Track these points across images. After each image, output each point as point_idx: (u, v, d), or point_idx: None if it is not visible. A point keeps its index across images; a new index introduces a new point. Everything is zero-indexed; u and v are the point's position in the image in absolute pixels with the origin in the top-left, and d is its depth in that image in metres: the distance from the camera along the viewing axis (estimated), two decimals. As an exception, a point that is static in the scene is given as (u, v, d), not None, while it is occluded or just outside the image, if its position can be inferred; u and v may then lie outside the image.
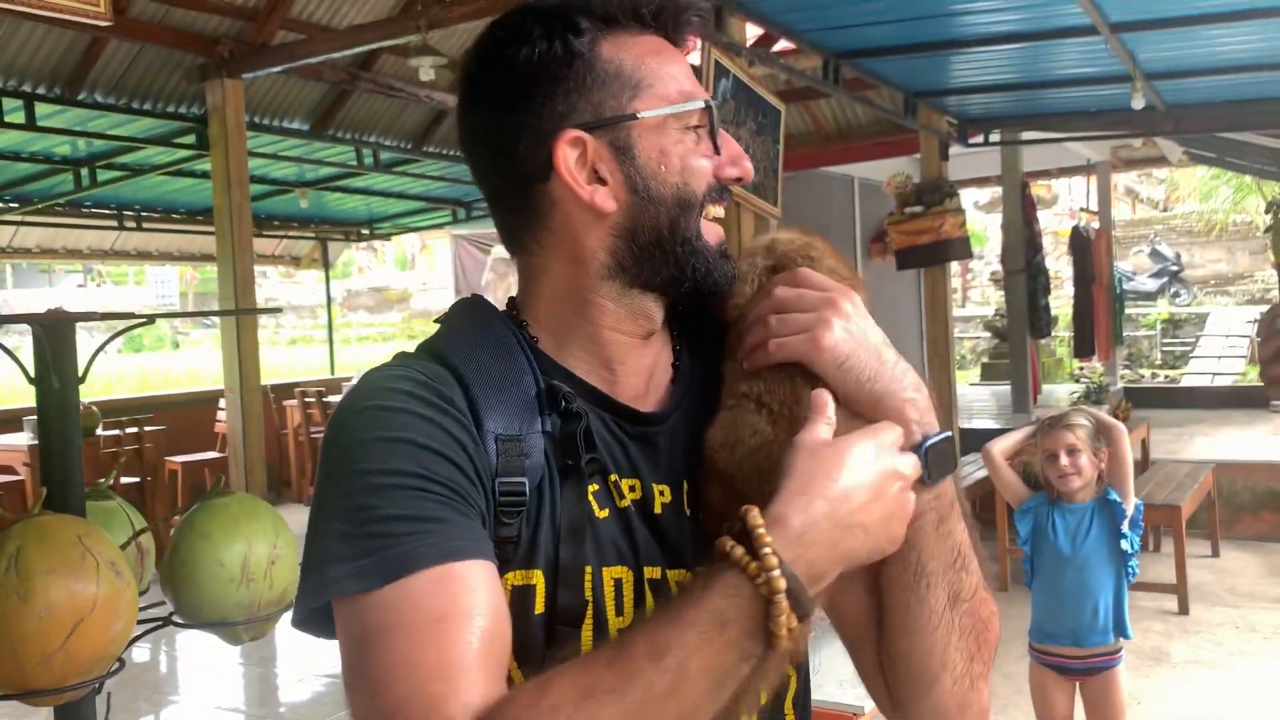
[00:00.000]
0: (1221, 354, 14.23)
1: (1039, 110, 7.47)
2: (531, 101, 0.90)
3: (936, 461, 0.89)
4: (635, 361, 0.96)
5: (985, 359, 14.15)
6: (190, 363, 19.29)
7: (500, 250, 12.75)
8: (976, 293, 20.03)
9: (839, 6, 4.88)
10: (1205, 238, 18.61)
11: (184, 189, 8.75)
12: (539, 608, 0.87)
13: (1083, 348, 10.36)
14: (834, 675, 4.66)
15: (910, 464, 0.85)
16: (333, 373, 12.14)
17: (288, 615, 1.02)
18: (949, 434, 0.91)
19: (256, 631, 1.99)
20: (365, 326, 26.27)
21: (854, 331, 0.90)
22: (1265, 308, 14.81)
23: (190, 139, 6.97)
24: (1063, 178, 13.91)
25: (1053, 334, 10.83)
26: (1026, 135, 8.15)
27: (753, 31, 5.37)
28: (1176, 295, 17.52)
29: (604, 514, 0.91)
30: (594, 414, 0.92)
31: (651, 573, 0.91)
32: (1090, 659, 3.20)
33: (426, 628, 0.77)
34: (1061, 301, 12.59)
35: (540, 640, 0.86)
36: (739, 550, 0.76)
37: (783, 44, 6.18)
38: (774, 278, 0.96)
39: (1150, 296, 17.35)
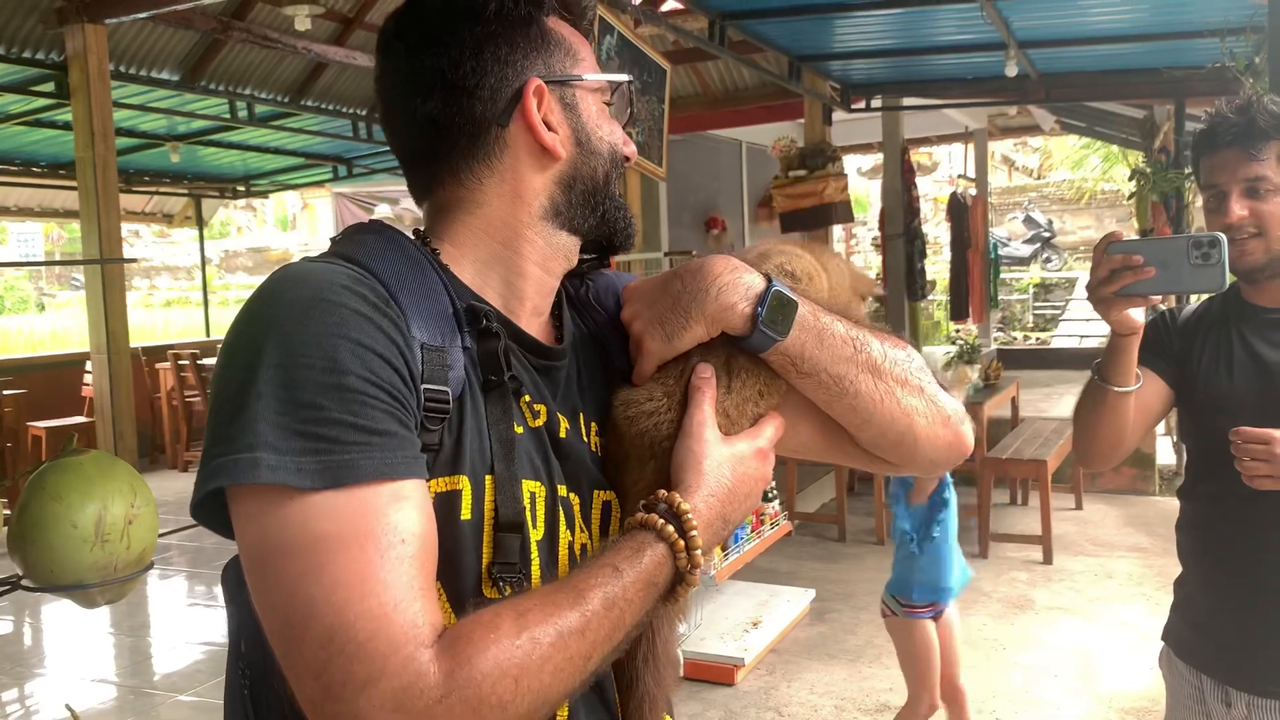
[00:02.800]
0: (1089, 317, 14.85)
1: (919, 76, 7.62)
2: (498, 49, 0.97)
3: (777, 316, 0.99)
4: (543, 300, 1.04)
5: (866, 321, 14.46)
6: (56, 325, 18.45)
7: (384, 209, 12.48)
8: (859, 258, 20.46)
9: (724, -34, 4.88)
10: (1076, 205, 19.34)
11: (44, 140, 8.31)
12: (465, 513, 0.90)
13: (959, 311, 10.68)
14: (715, 629, 4.76)
15: (770, 465, 1.03)
16: (208, 335, 11.74)
17: (154, 579, 0.98)
18: (773, 288, 0.99)
19: (113, 595, 1.92)
20: (244, 289, 25.48)
21: (648, 318, 1.03)
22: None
23: (49, 86, 6.60)
24: (942, 145, 14.27)
25: (929, 297, 11.14)
26: (907, 101, 8.30)
27: (639, -11, 5.32)
28: (1048, 260, 18.19)
29: (520, 430, 0.95)
30: (505, 339, 0.97)
31: (560, 490, 0.97)
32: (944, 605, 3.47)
33: (390, 545, 0.79)
34: (939, 266, 12.96)
35: (466, 544, 0.89)
36: (670, 529, 0.90)
37: (671, 4, 6.17)
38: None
39: (1023, 262, 17.98)
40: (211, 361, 8.98)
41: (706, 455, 0.97)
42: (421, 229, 1.03)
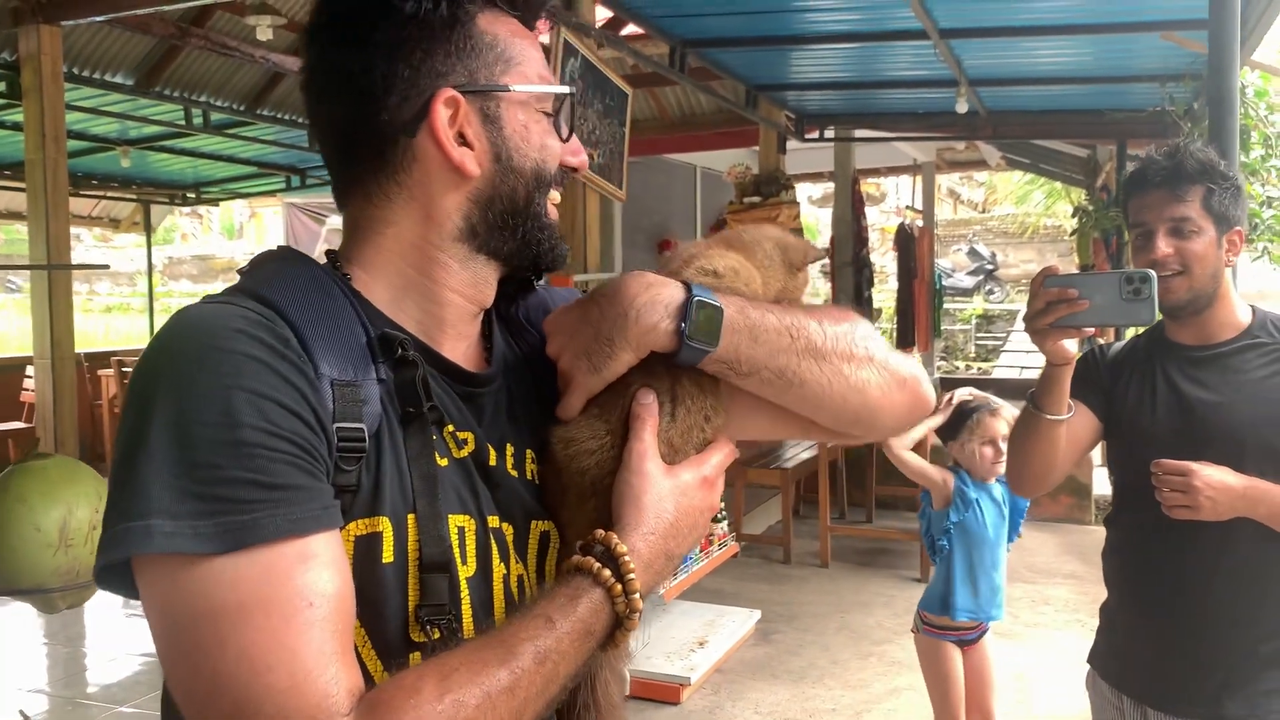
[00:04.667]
0: (1030, 349, 15.15)
1: (871, 109, 7.78)
2: (412, 54, 0.90)
3: (703, 328, 0.94)
4: (465, 326, 0.98)
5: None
6: (-9, 328, 18.02)
7: (336, 220, 12.39)
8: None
9: (687, -5, 4.97)
10: (1019, 239, 19.73)
11: (-9, 140, 8.17)
12: (387, 555, 0.85)
13: (904, 339, 10.85)
14: (662, 649, 4.80)
15: (717, 493, 0.99)
16: (153, 342, 11.54)
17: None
18: (694, 298, 0.94)
19: (74, 599, 1.93)
20: (188, 296, 25.06)
21: (574, 351, 0.97)
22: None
23: (0, 86, 6.51)
24: (891, 176, 14.51)
25: (876, 325, 11.30)
26: (859, 133, 8.47)
27: (602, 14, 5.40)
28: (991, 292, 18.54)
29: (444, 463, 0.91)
30: (423, 367, 0.92)
31: (491, 521, 0.93)
32: (979, 630, 3.45)
33: (297, 610, 0.75)
34: (885, 295, 13.15)
35: (390, 589, 0.85)
36: (606, 574, 0.86)
37: (631, 29, 6.24)
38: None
39: (967, 293, 18.31)
40: (156, 369, 8.86)
41: (647, 490, 0.93)
42: (334, 251, 0.98)
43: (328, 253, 0.97)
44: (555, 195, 1.00)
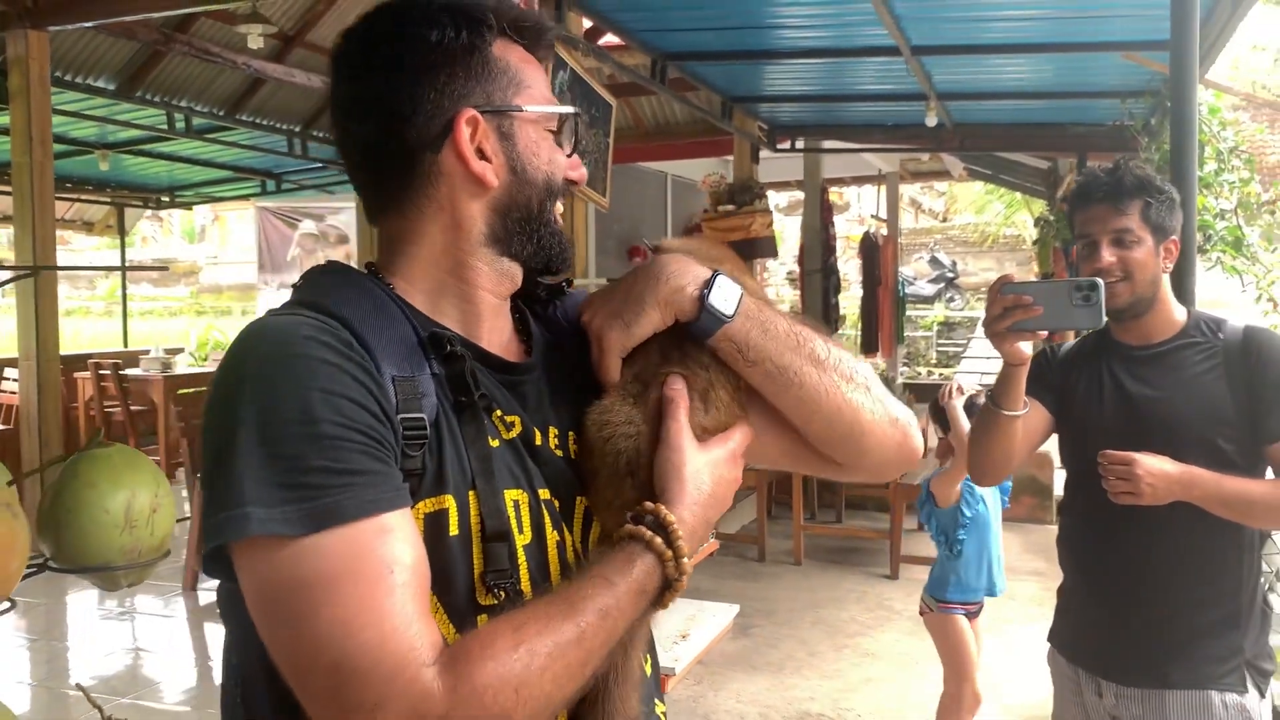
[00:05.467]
0: (989, 355, 15.44)
1: (842, 121, 8.00)
2: (436, 78, 1.00)
3: (722, 300, 1.04)
4: (497, 319, 1.08)
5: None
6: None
7: (308, 226, 12.43)
8: (772, 290, 20.95)
9: (669, 10, 5.15)
10: (979, 248, 20.12)
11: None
12: (453, 529, 0.94)
13: (868, 345, 11.08)
14: (647, 641, 4.95)
15: (741, 467, 1.08)
16: (126, 345, 11.54)
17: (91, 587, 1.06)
18: (718, 274, 1.06)
19: (136, 577, 2.05)
20: (149, 300, 24.87)
21: (606, 312, 1.07)
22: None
23: (-14, 90, 6.53)
24: (855, 185, 14.77)
25: (841, 331, 11.56)
26: (829, 144, 8.68)
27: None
28: (951, 300, 18.89)
29: (495, 444, 1.00)
30: (470, 361, 1.00)
31: (543, 494, 1.02)
32: (981, 604, 3.77)
33: (380, 577, 0.84)
34: (849, 301, 13.41)
35: (456, 559, 0.94)
36: (659, 541, 0.95)
37: (608, 39, 6.40)
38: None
39: (928, 300, 18.64)
40: (133, 371, 8.87)
41: (686, 463, 1.01)
42: (373, 263, 1.06)
43: (367, 265, 1.06)
44: (559, 206, 1.10)
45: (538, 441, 1.04)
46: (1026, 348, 1.96)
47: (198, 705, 4.45)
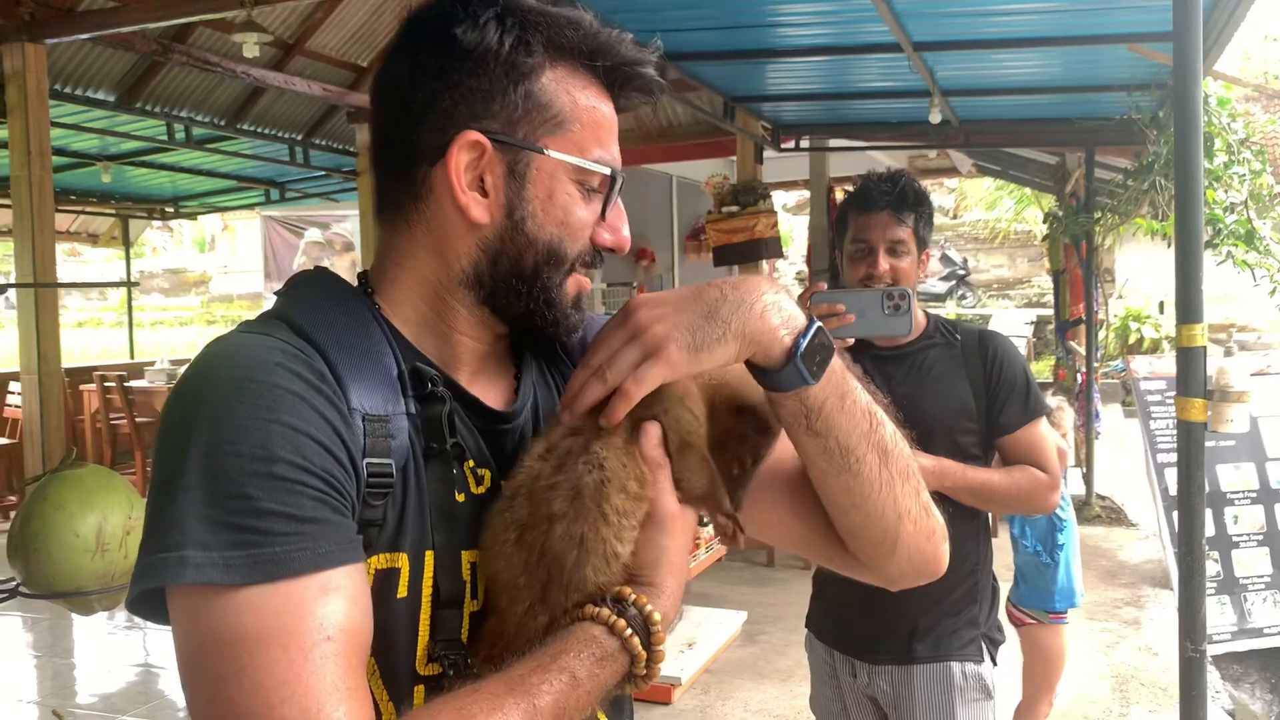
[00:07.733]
0: (1001, 353, 15.34)
1: (846, 119, 7.92)
2: (457, 86, 0.90)
3: (814, 357, 0.91)
4: (478, 364, 0.99)
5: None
6: (-35, 344, 17.84)
7: (314, 234, 12.43)
8: (783, 291, 20.84)
9: (667, 11, 5.08)
10: (990, 244, 20.00)
11: (-31, 157, 8.15)
12: (402, 591, 0.87)
13: (879, 344, 11.00)
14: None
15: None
16: (132, 357, 11.55)
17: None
18: (816, 324, 0.91)
19: (110, 601, 2.00)
20: (160, 310, 24.95)
21: (675, 322, 0.89)
22: (1042, 310, 16.03)
23: (-17, 104, 6.52)
24: (864, 184, 14.68)
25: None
26: (834, 143, 8.61)
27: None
28: (963, 297, 18.80)
29: (461, 498, 0.92)
30: (450, 403, 0.92)
31: None
32: None
33: (314, 644, 0.75)
34: (861, 301, 13.33)
35: (400, 622, 0.88)
36: (636, 644, 0.86)
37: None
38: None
39: (939, 298, 18.54)
40: (138, 384, 8.87)
41: (676, 549, 0.92)
42: (367, 273, 0.99)
43: (360, 275, 0.99)
44: (584, 279, 0.98)
45: None
46: None
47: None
